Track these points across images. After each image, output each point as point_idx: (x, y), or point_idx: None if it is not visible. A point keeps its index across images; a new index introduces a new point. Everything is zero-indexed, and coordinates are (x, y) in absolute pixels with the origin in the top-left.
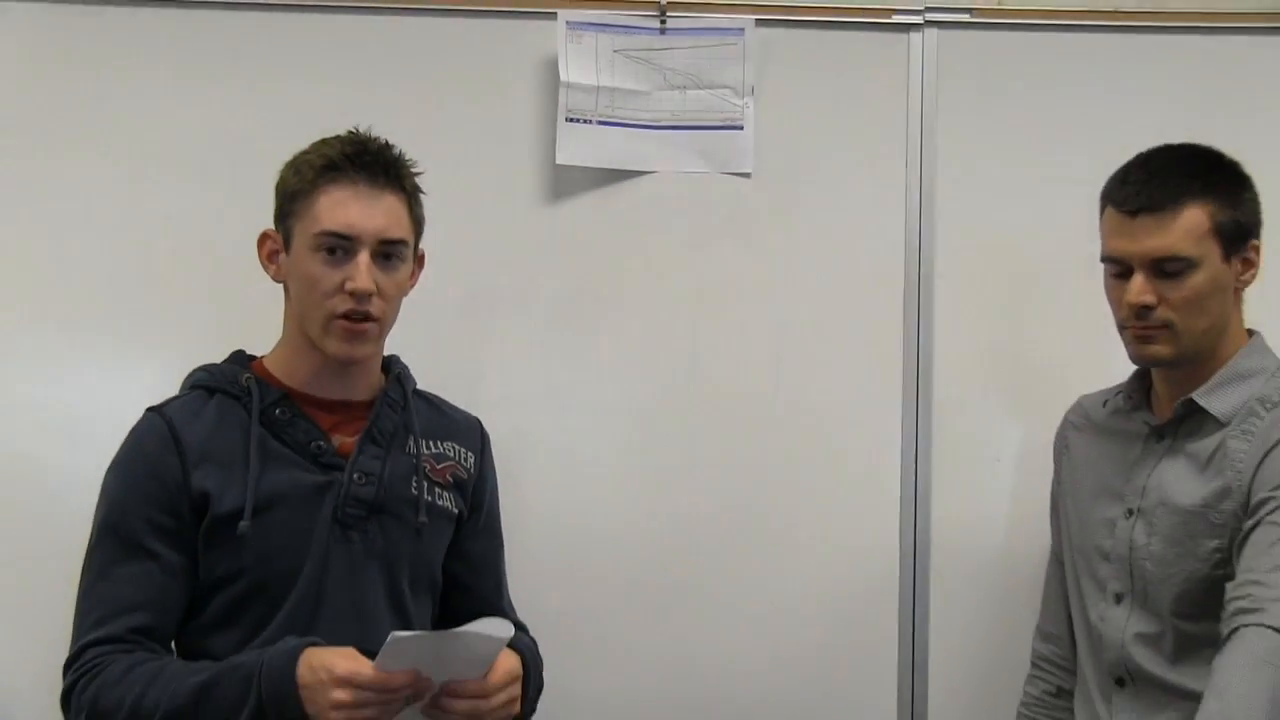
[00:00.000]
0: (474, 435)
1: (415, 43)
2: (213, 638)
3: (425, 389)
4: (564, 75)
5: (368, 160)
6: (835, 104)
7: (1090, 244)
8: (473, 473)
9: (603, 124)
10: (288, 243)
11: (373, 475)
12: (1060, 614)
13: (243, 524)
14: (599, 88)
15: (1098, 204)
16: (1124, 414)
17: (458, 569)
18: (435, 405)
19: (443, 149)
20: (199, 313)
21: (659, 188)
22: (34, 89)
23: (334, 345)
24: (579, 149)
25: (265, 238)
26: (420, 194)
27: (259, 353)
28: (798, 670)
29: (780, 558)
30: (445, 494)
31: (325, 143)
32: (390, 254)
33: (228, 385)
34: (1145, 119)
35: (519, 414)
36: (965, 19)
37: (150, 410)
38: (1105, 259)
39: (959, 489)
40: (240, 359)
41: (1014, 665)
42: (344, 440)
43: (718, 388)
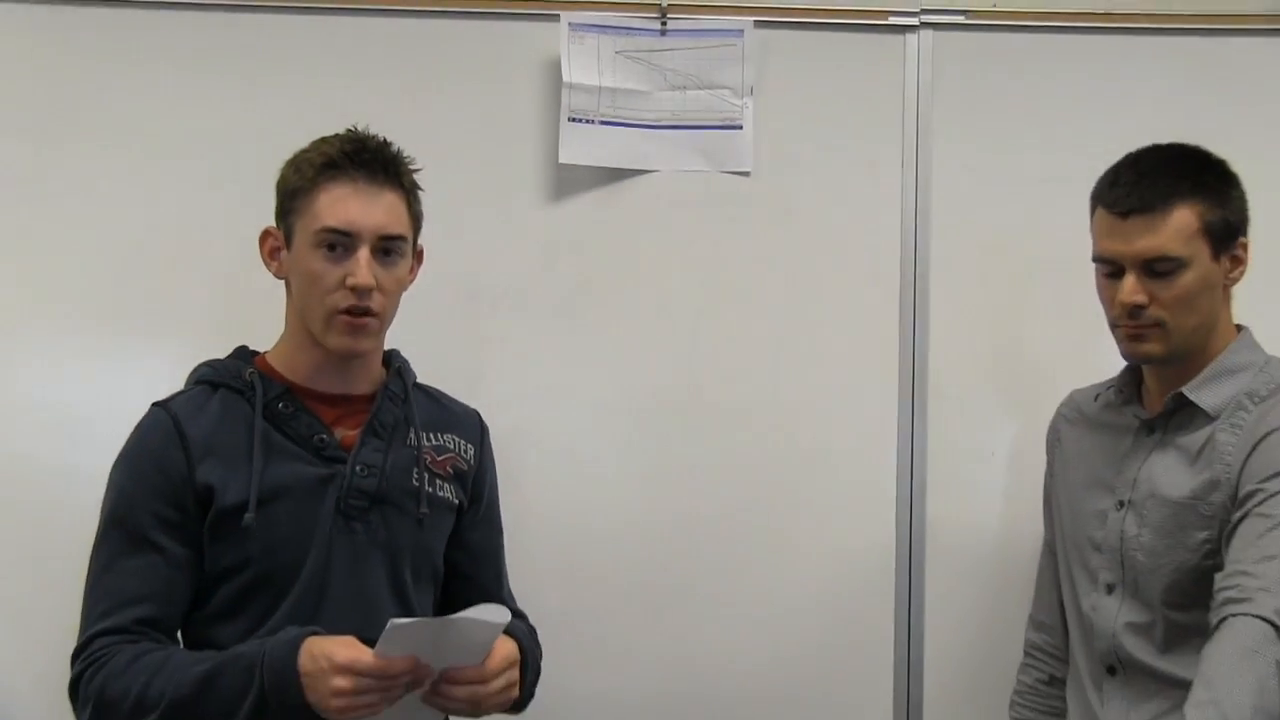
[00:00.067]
0: (474, 427)
1: (421, 44)
2: (219, 628)
3: (428, 384)
4: (566, 76)
5: (366, 158)
6: (833, 104)
7: (1083, 243)
8: (472, 464)
9: (605, 124)
10: (289, 239)
11: (374, 467)
12: (1053, 603)
13: (247, 516)
14: (601, 88)
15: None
16: (1115, 408)
17: (458, 558)
18: (435, 398)
19: (447, 148)
20: (203, 309)
21: (660, 186)
22: (38, 89)
23: (336, 340)
24: (581, 148)
25: (267, 235)
26: (418, 190)
27: (262, 348)
28: (795, 663)
29: (777, 553)
30: (446, 485)
31: (324, 141)
32: (390, 250)
33: (231, 380)
34: (1138, 119)
35: (520, 410)
36: (960, 20)
37: (155, 405)
38: (1097, 259)
39: (954, 485)
40: (243, 354)
41: (1008, 658)
42: (346, 433)
43: (716, 384)
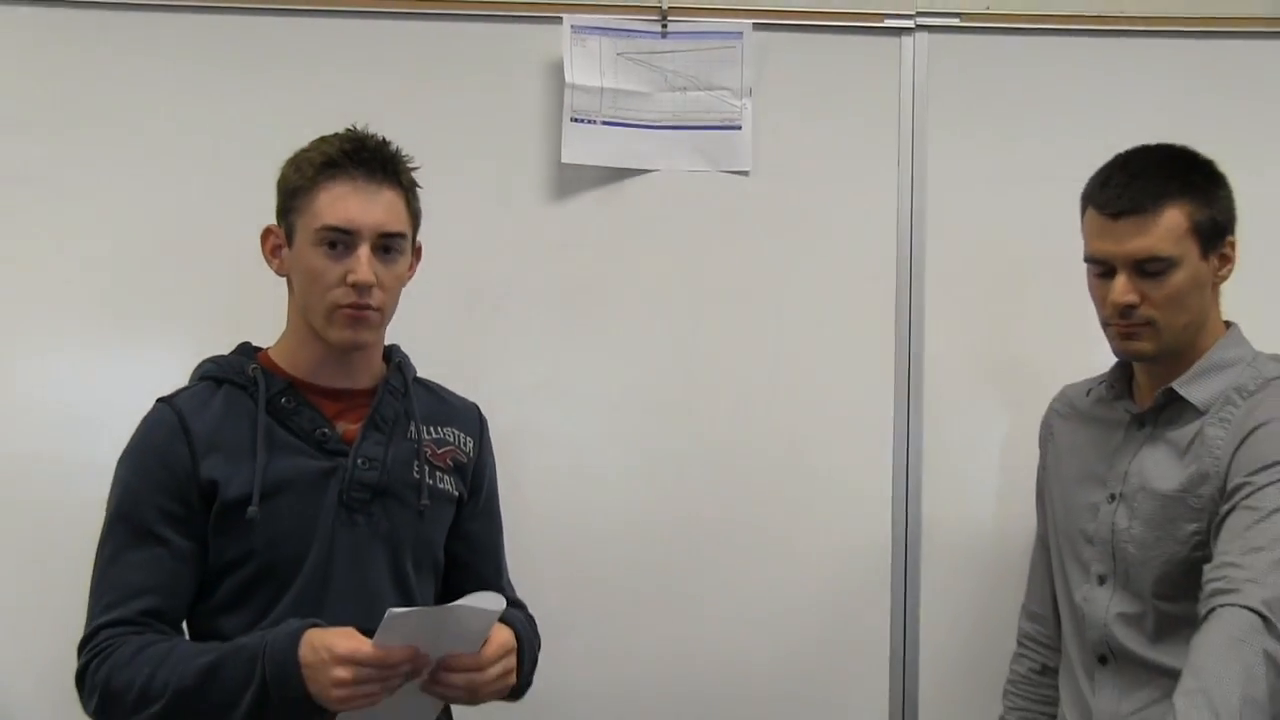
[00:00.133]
0: (473, 420)
1: (426, 46)
2: (224, 619)
3: (433, 380)
4: (569, 77)
5: (366, 156)
6: (830, 105)
7: (1075, 242)
8: (472, 456)
9: (606, 124)
10: (290, 237)
11: (376, 460)
12: (1045, 595)
13: (251, 509)
14: (603, 89)
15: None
16: (1106, 403)
17: (458, 549)
18: (435, 392)
19: (452, 148)
20: (208, 306)
21: (660, 185)
22: (45, 89)
23: (337, 334)
24: (583, 148)
25: (268, 233)
26: (417, 188)
27: (265, 344)
28: (793, 657)
29: (774, 549)
30: (446, 477)
31: (324, 140)
32: (390, 247)
33: (235, 376)
34: (1130, 120)
35: (522, 406)
36: (955, 23)
37: (160, 401)
38: (1088, 259)
39: (949, 480)
40: (246, 350)
41: (1002, 650)
42: (348, 427)
43: (714, 381)
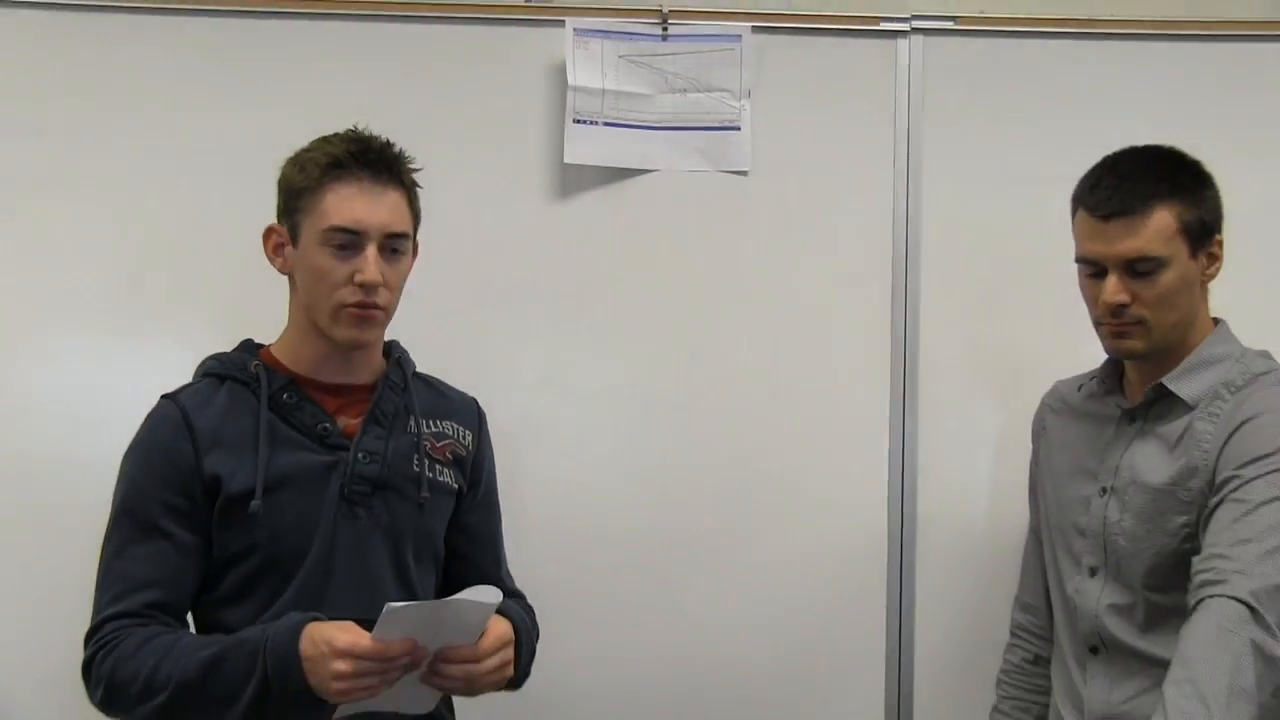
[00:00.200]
0: (471, 414)
1: (431, 48)
2: (228, 611)
3: (439, 375)
4: (571, 79)
5: (372, 157)
6: (827, 106)
7: (1067, 242)
8: (471, 450)
9: (608, 125)
10: (295, 236)
11: (376, 454)
12: (1038, 586)
13: (254, 503)
14: (604, 91)
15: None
16: (1098, 398)
17: (458, 540)
18: (434, 386)
19: (457, 148)
20: (211, 304)
21: (661, 185)
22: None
23: (343, 332)
24: (586, 149)
25: (271, 232)
26: (417, 188)
27: (267, 341)
28: (790, 646)
29: (773, 539)
30: (445, 470)
31: (327, 141)
32: (395, 247)
33: (237, 372)
34: (1120, 121)
35: (524, 401)
36: (949, 26)
37: (165, 397)
38: (1080, 260)
39: (944, 474)
40: (249, 347)
41: (996, 641)
42: (348, 422)
43: (714, 376)
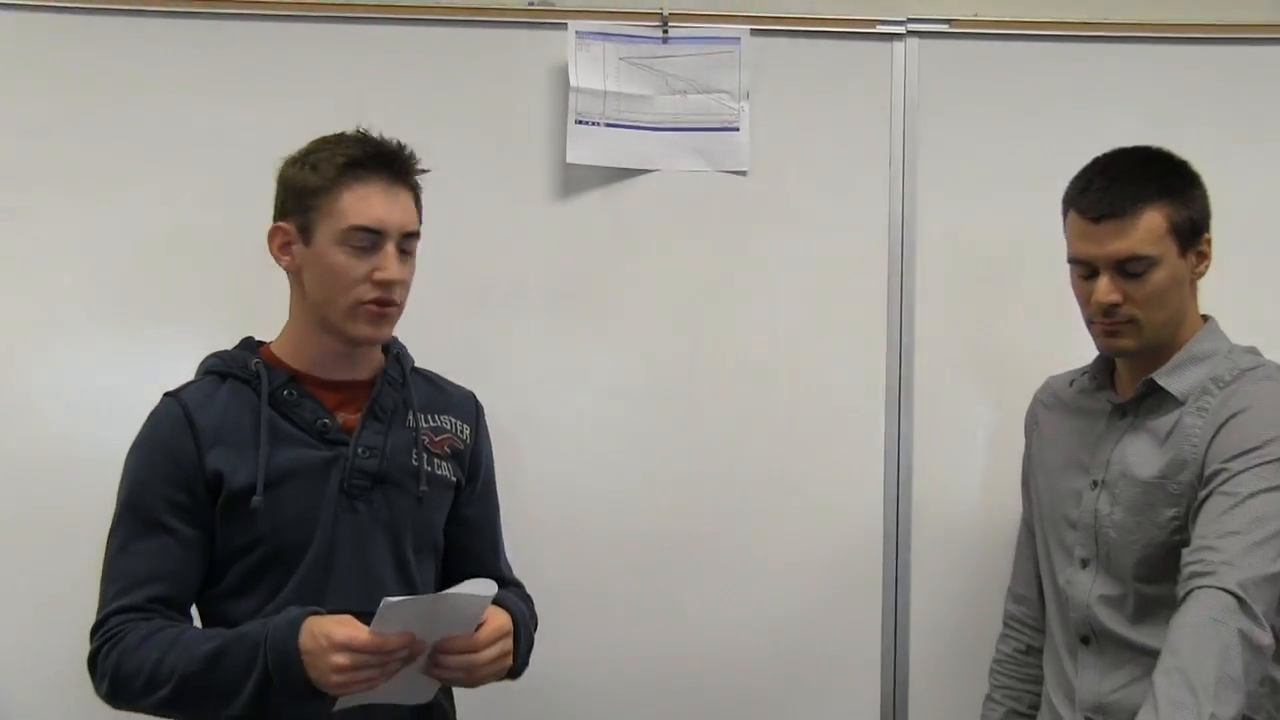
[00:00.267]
0: (469, 408)
1: (436, 51)
2: (232, 604)
3: (442, 373)
4: (574, 81)
5: (388, 158)
6: (824, 107)
7: (1059, 241)
8: (469, 443)
9: (610, 126)
10: (307, 235)
11: (375, 449)
12: (1030, 577)
13: (255, 499)
14: (606, 92)
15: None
16: (1089, 393)
17: (457, 533)
18: (433, 381)
19: (462, 149)
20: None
21: (661, 185)
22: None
23: (361, 329)
24: (588, 149)
25: (277, 230)
26: (420, 189)
27: (270, 338)
28: (789, 635)
29: (772, 533)
30: (444, 464)
31: (335, 141)
32: (406, 247)
33: (238, 370)
34: (1112, 122)
35: (527, 396)
36: (945, 29)
37: (167, 395)
38: (1072, 261)
39: (938, 467)
40: (249, 345)
41: (989, 630)
42: (348, 417)
43: (715, 371)
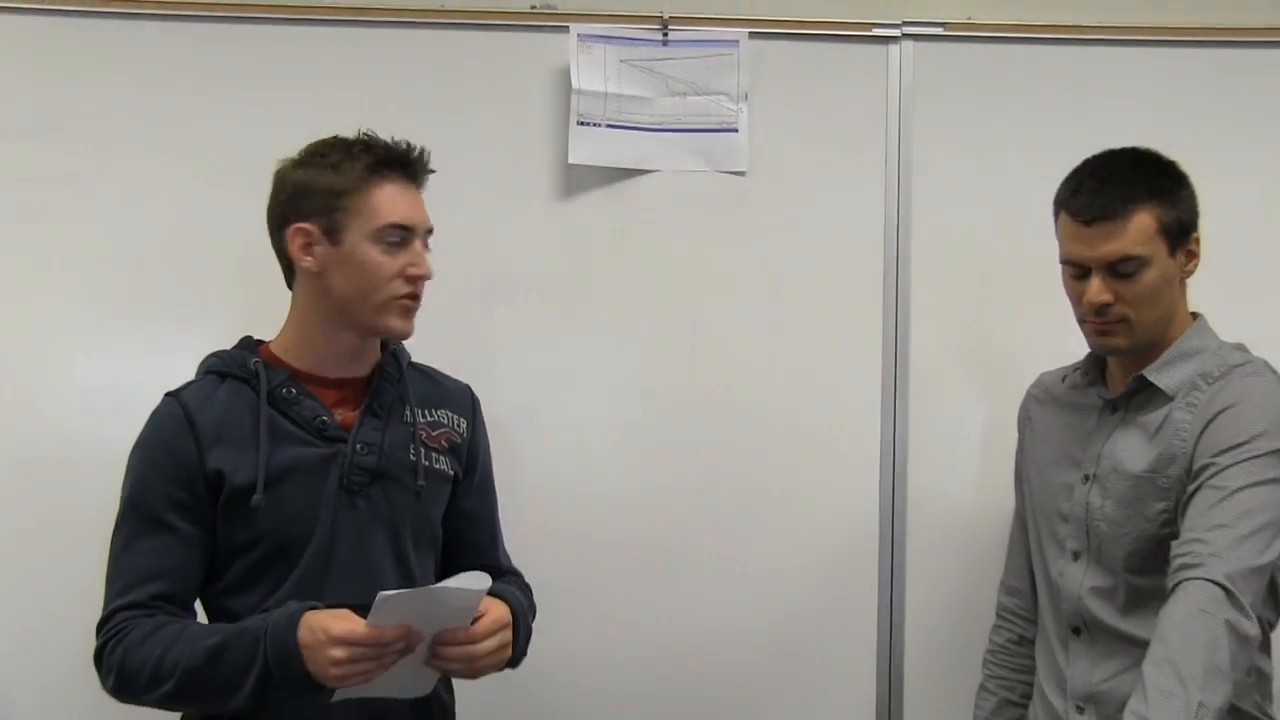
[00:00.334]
0: (465, 401)
1: (441, 54)
2: (235, 599)
3: (448, 369)
4: (575, 83)
5: (407, 160)
6: (821, 109)
7: (1051, 239)
8: (465, 437)
9: (611, 127)
10: (335, 235)
11: (374, 445)
12: (1023, 569)
13: (256, 497)
14: (607, 94)
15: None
16: (1081, 389)
17: (456, 524)
18: (429, 376)
19: (466, 149)
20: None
21: (662, 185)
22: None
23: (394, 323)
24: (589, 149)
25: (299, 231)
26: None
27: (267, 337)
28: (786, 627)
29: (770, 527)
30: (441, 458)
31: (350, 143)
32: (427, 243)
33: (237, 370)
34: (1103, 124)
35: (531, 391)
36: (939, 32)
37: (168, 395)
38: (1064, 262)
39: (933, 462)
40: (248, 344)
41: (982, 618)
42: (346, 414)
43: (713, 368)
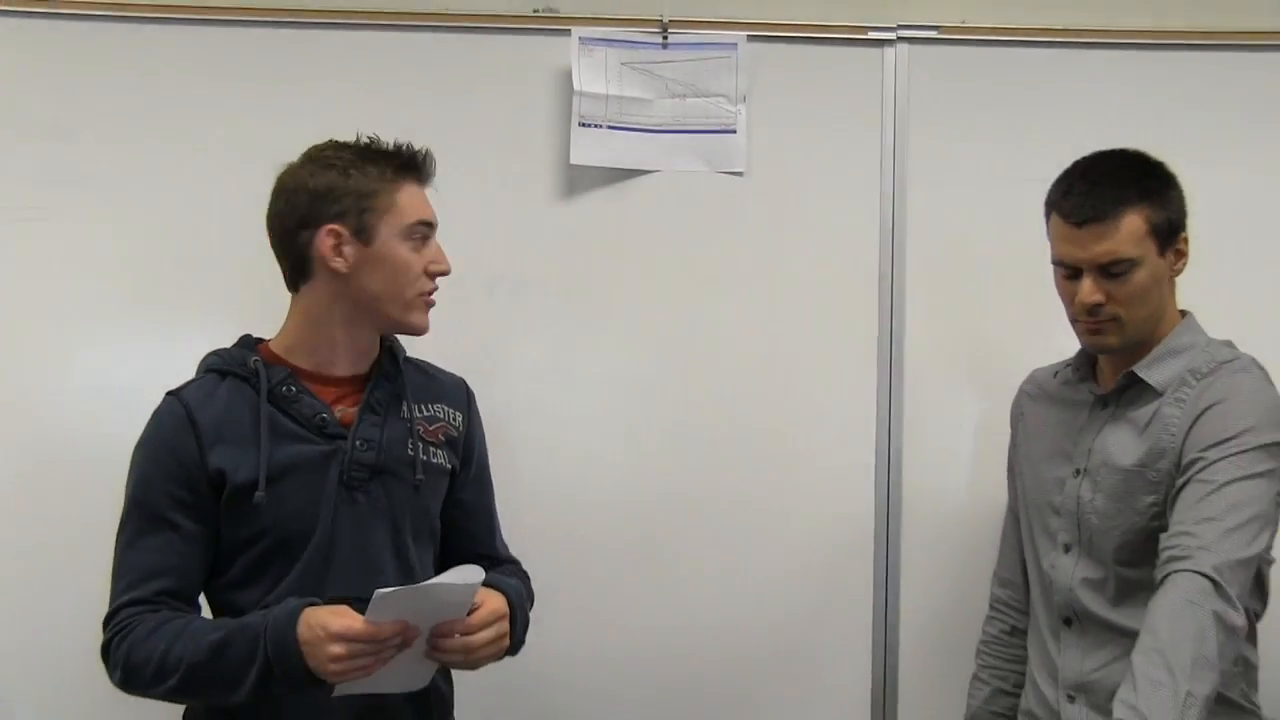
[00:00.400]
0: (461, 395)
1: (445, 56)
2: (239, 593)
3: (450, 367)
4: (577, 85)
5: (421, 161)
6: (818, 111)
7: (1043, 240)
8: (462, 430)
9: (611, 128)
10: (366, 235)
11: (372, 441)
12: (1015, 562)
13: (258, 494)
14: (608, 96)
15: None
16: (1072, 385)
17: (454, 516)
18: (424, 370)
19: (470, 150)
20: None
21: (661, 185)
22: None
23: (420, 318)
24: (590, 150)
25: (330, 233)
26: None
27: (267, 335)
28: (782, 623)
29: (766, 523)
30: (438, 452)
31: (370, 145)
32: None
33: (237, 368)
34: (1095, 125)
35: (532, 390)
36: (934, 35)
37: (169, 394)
38: (1056, 262)
39: (928, 458)
40: (247, 343)
41: (976, 616)
42: (345, 411)
43: (709, 366)
